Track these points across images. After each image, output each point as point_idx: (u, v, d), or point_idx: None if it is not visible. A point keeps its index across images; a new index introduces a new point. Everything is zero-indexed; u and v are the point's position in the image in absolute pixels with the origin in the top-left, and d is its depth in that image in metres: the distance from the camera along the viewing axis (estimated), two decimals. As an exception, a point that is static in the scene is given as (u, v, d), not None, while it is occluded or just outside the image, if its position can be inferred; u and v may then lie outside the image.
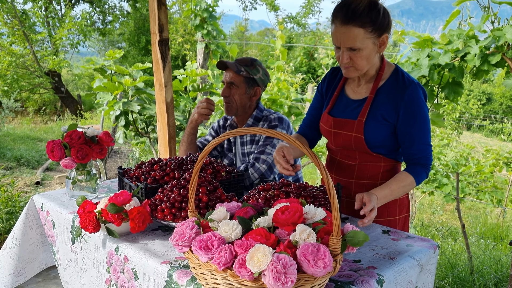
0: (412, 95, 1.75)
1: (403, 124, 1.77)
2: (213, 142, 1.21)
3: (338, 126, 1.88)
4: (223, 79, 2.41)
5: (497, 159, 6.60)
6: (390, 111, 1.77)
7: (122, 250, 1.55)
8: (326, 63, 5.62)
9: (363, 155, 1.87)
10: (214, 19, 5.46)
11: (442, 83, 3.03)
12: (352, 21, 1.65)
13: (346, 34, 1.66)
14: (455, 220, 5.61)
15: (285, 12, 23.27)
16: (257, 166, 2.27)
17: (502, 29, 2.70)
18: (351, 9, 1.65)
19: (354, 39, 1.66)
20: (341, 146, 1.91)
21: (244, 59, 2.40)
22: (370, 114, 1.80)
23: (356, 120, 1.82)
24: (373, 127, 1.79)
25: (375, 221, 1.87)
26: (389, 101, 1.78)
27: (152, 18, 2.79)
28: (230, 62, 2.37)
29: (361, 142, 1.82)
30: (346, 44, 1.69)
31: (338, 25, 1.68)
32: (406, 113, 1.75)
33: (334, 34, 1.71)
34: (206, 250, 1.14)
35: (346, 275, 1.32)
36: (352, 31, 1.65)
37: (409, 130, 1.77)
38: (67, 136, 1.94)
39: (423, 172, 1.80)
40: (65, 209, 1.91)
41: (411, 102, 1.74)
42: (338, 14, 1.67)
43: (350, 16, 1.64)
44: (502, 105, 20.68)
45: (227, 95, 2.37)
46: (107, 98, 4.14)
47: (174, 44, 16.05)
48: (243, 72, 2.33)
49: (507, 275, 3.18)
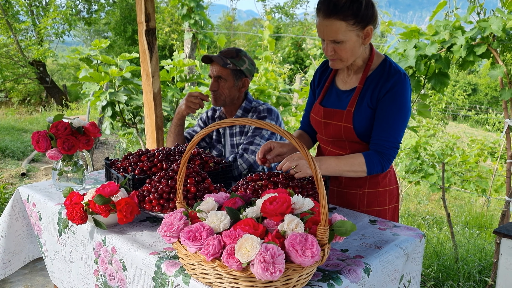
0: (395, 82, 1.75)
1: (379, 107, 1.78)
2: (201, 133, 1.20)
3: (328, 116, 1.90)
4: (210, 73, 2.37)
5: (482, 149, 6.69)
6: (372, 96, 1.79)
7: (110, 242, 1.54)
8: (314, 54, 5.61)
9: (353, 145, 1.89)
10: (201, 8, 5.41)
11: (428, 73, 3.06)
12: (334, 14, 1.66)
13: (328, 27, 1.69)
14: (440, 210, 5.69)
15: (273, 2, 23.21)
16: (245, 156, 2.27)
17: (488, 20, 2.73)
18: (333, 2, 1.66)
19: (337, 32, 1.68)
20: (332, 137, 1.92)
21: (229, 50, 2.36)
22: (358, 103, 1.82)
23: (345, 110, 1.84)
24: (360, 116, 1.81)
25: (365, 210, 1.93)
26: (374, 89, 1.80)
27: (139, 7, 2.76)
28: (215, 56, 2.33)
29: (350, 132, 1.83)
30: (329, 37, 1.71)
31: (321, 18, 1.70)
32: (385, 96, 1.76)
33: (318, 27, 1.74)
34: (195, 240, 1.14)
35: (334, 264, 1.34)
36: (334, 24, 1.67)
37: (381, 112, 1.77)
38: (53, 127, 1.92)
39: (377, 161, 1.76)
40: (52, 201, 1.89)
41: (392, 89, 1.75)
42: (321, 7, 1.70)
43: (332, 9, 1.66)
44: (487, 95, 20.92)
45: (215, 89, 2.35)
46: (93, 88, 4.09)
47: (161, 34, 15.89)
48: (230, 64, 2.31)
49: (491, 263, 3.24)
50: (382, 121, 1.77)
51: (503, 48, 2.81)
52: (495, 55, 2.78)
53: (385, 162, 1.78)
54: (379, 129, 1.78)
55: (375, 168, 1.77)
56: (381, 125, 1.77)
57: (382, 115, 1.77)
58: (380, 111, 1.78)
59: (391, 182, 1.97)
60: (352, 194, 1.94)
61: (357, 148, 1.88)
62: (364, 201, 1.93)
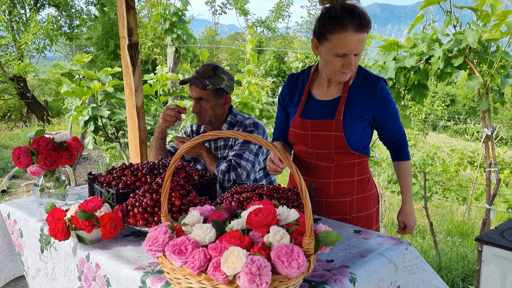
0: (382, 90, 1.90)
1: (381, 116, 1.92)
2: (185, 146, 1.21)
3: (316, 128, 1.91)
4: (190, 94, 2.34)
5: (461, 158, 6.82)
6: (365, 107, 1.89)
7: (93, 257, 1.52)
8: (296, 67, 5.68)
9: (341, 155, 1.92)
10: (183, 23, 5.43)
11: (408, 85, 3.12)
12: (365, 28, 1.75)
13: (361, 40, 1.75)
14: (423, 218, 5.75)
15: (255, 16, 23.48)
16: (239, 172, 2.24)
17: (464, 33, 2.81)
18: (361, 16, 1.73)
19: (363, 44, 1.78)
20: (319, 148, 1.93)
21: (205, 70, 2.33)
22: (346, 112, 1.88)
23: (334, 120, 1.87)
24: (350, 124, 1.88)
25: (355, 217, 2.00)
26: (362, 98, 1.89)
27: (121, 22, 2.76)
28: (193, 79, 2.29)
29: (341, 140, 1.87)
30: (359, 49, 1.77)
31: (352, 32, 1.72)
32: (381, 106, 1.90)
33: (346, 41, 1.73)
34: (180, 254, 1.14)
35: (320, 275, 1.34)
36: (364, 37, 1.76)
37: (387, 120, 1.95)
38: (35, 142, 1.90)
39: (406, 147, 2.06)
40: (33, 217, 1.86)
41: (383, 96, 1.90)
42: (351, 22, 1.71)
43: (363, 23, 1.73)
44: (465, 106, 21.37)
45: (198, 111, 2.33)
46: (75, 103, 4.05)
47: (144, 48, 15.85)
48: (209, 85, 2.28)
49: (474, 270, 3.28)
50: (389, 123, 1.97)
51: (479, 60, 2.89)
52: (472, 67, 2.86)
53: (407, 142, 2.08)
54: (391, 132, 2.00)
55: (408, 152, 2.09)
56: (391, 127, 1.98)
57: (386, 119, 1.95)
58: (382, 117, 1.93)
59: (372, 186, 2.07)
60: (342, 202, 1.98)
61: (344, 158, 1.92)
62: (354, 207, 1.98)
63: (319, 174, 1.98)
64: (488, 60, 2.82)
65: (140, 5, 17.51)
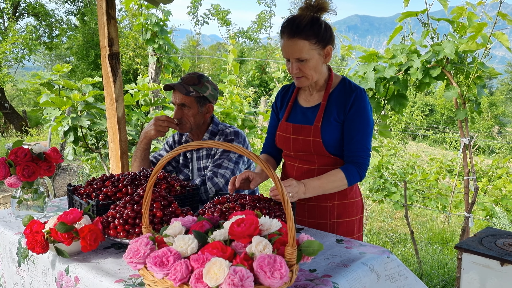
0: (358, 97, 1.92)
1: (347, 121, 1.92)
2: (167, 156, 1.20)
3: (297, 132, 1.99)
4: (173, 100, 2.34)
5: (440, 167, 6.94)
6: (339, 112, 1.93)
7: (72, 271, 1.49)
8: (278, 77, 5.72)
9: (321, 158, 1.97)
10: (165, 33, 5.43)
11: (388, 95, 3.17)
12: (298, 34, 1.82)
13: (293, 46, 1.83)
14: (404, 227, 5.81)
15: (237, 27, 23.55)
16: (215, 180, 2.24)
17: (441, 44, 2.87)
18: (296, 24, 1.82)
19: (301, 51, 1.83)
20: (301, 151, 2.00)
21: (190, 77, 2.34)
22: (324, 118, 1.94)
23: (312, 126, 1.94)
24: (327, 130, 1.93)
25: (336, 222, 2.00)
26: (338, 104, 1.94)
27: (102, 32, 2.74)
28: (178, 85, 2.30)
29: (319, 145, 1.93)
30: (294, 55, 1.85)
31: (285, 39, 1.85)
32: (350, 111, 1.91)
33: (283, 47, 1.87)
34: (162, 266, 1.12)
35: (302, 285, 1.34)
36: (298, 43, 1.82)
37: (350, 127, 1.92)
38: (12, 154, 1.86)
39: (355, 171, 1.89)
40: (11, 230, 1.82)
41: (356, 103, 1.91)
42: (285, 29, 1.86)
43: (295, 30, 1.82)
44: (443, 115, 21.79)
45: (180, 117, 2.33)
46: (54, 113, 3.99)
47: (125, 58, 15.77)
48: (193, 92, 2.28)
49: (454, 277, 3.33)
50: (352, 135, 1.91)
51: (456, 70, 2.96)
52: (449, 77, 2.92)
53: (362, 171, 1.92)
54: (351, 142, 1.91)
55: (354, 178, 1.90)
56: (352, 139, 1.91)
57: (352, 129, 1.91)
58: (349, 126, 1.92)
59: (357, 194, 2.08)
60: (322, 206, 2.00)
61: (325, 161, 1.97)
62: (334, 212, 2.01)
63: (302, 176, 2.00)
64: (465, 71, 2.90)
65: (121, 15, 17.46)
